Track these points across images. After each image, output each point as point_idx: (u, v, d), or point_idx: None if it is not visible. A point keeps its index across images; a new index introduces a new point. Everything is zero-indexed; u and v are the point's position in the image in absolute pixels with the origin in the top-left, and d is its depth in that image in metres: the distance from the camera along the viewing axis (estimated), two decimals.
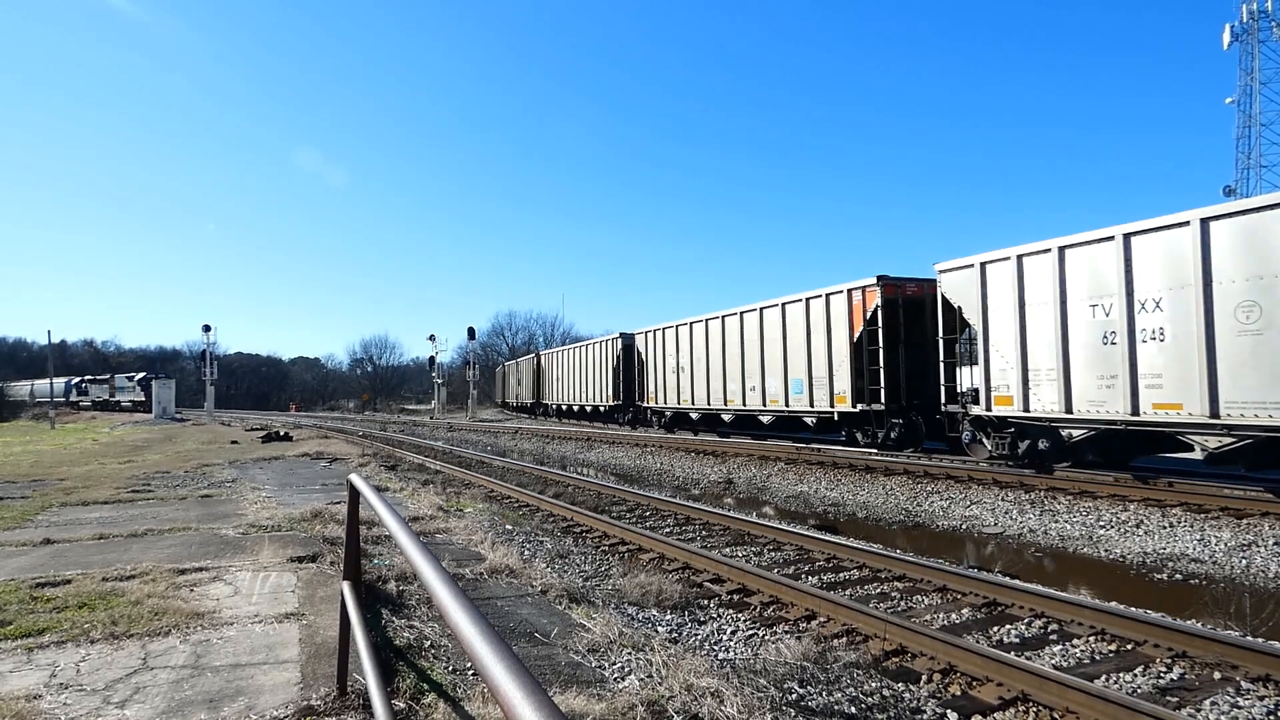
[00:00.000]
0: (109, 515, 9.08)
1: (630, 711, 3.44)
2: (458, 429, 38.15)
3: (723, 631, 5.90)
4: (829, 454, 16.74)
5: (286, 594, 5.42)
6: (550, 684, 3.80)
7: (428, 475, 16.28)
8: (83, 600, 5.13)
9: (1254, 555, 8.26)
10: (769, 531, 9.45)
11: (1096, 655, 5.23)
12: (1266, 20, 44.68)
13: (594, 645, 4.46)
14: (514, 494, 13.24)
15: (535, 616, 5.10)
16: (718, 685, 3.76)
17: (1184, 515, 9.81)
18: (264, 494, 11.11)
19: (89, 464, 17.09)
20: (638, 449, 22.21)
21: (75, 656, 4.11)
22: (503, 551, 6.94)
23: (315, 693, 3.60)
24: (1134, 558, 8.68)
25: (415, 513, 9.49)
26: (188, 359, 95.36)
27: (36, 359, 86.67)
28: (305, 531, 7.85)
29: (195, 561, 6.40)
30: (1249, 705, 4.34)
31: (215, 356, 51.45)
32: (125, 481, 12.83)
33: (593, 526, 10.15)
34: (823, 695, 4.49)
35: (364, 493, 3.03)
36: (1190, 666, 4.89)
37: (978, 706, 4.40)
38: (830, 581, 7.33)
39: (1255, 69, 45.14)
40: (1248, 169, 45.15)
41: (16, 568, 6.19)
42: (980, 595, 6.50)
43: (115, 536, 7.58)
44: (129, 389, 68.04)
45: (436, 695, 3.61)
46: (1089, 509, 10.55)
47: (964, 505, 11.66)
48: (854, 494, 13.41)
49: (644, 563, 8.13)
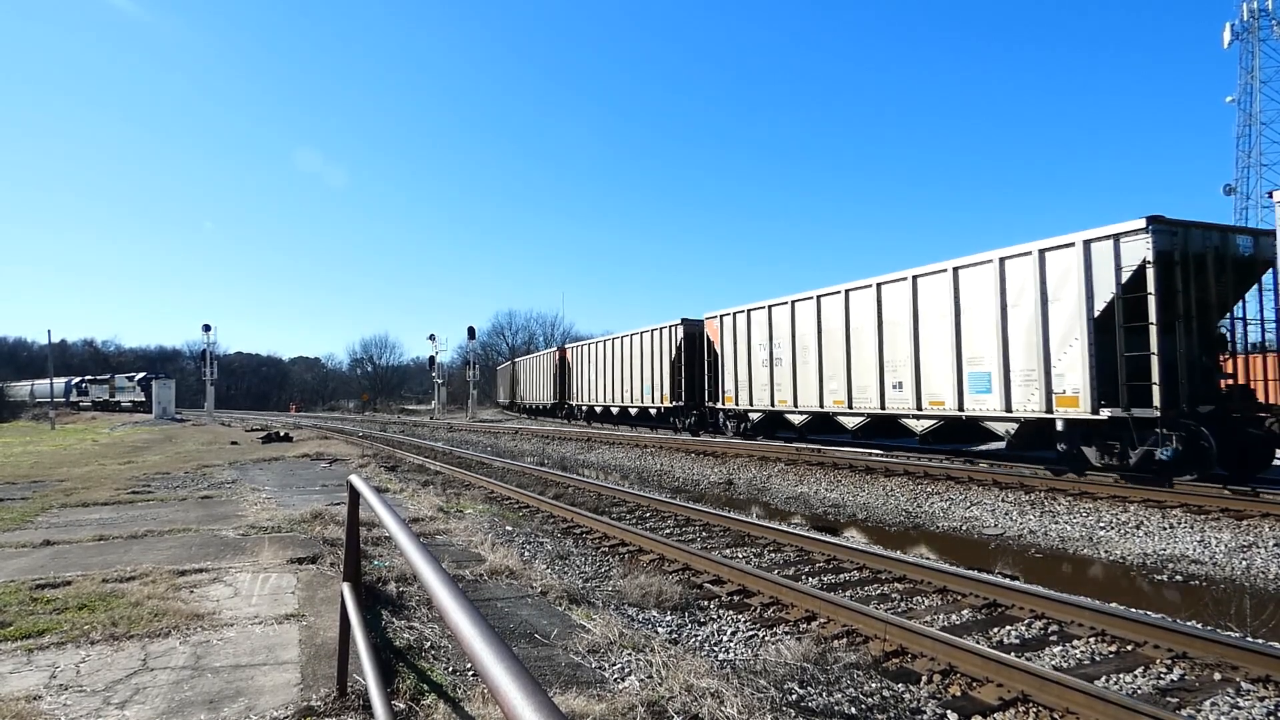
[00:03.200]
0: (109, 516, 9.08)
1: (630, 712, 3.44)
2: (458, 429, 38.15)
3: (723, 632, 5.90)
4: (829, 454, 16.73)
5: (286, 595, 5.42)
6: (550, 685, 3.80)
7: (428, 476, 16.28)
8: (83, 601, 5.13)
9: (1254, 556, 8.26)
10: (769, 533, 9.44)
11: (1097, 656, 5.23)
12: (1267, 19, 44.68)
13: (594, 646, 4.46)
14: (514, 495, 13.23)
15: (535, 617, 5.10)
16: (718, 686, 3.76)
17: (1184, 516, 9.81)
18: (264, 495, 11.10)
19: (89, 465, 17.09)
20: (638, 450, 22.20)
21: (75, 657, 4.11)
22: (503, 553, 6.94)
23: (315, 693, 3.60)
24: (1134, 559, 8.67)
25: (415, 514, 9.49)
26: (188, 359, 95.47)
27: (36, 359, 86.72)
28: (305, 533, 7.85)
29: (195, 563, 6.40)
30: (1249, 706, 4.34)
31: (215, 356, 51.46)
32: (125, 483, 12.82)
33: (593, 528, 10.15)
34: (823, 696, 4.49)
35: (364, 494, 3.03)
36: (1190, 667, 4.89)
37: (978, 707, 4.40)
38: (830, 583, 7.33)
39: (1256, 67, 45.14)
40: (1248, 168, 45.15)
41: (17, 569, 6.19)
42: (980, 596, 6.50)
43: (115, 538, 7.57)
44: (129, 389, 68.05)
45: (436, 696, 3.61)
46: (1089, 510, 10.55)
47: (964, 506, 11.66)
48: (854, 495, 13.41)
49: (644, 564, 8.12)
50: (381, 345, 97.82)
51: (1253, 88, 45.26)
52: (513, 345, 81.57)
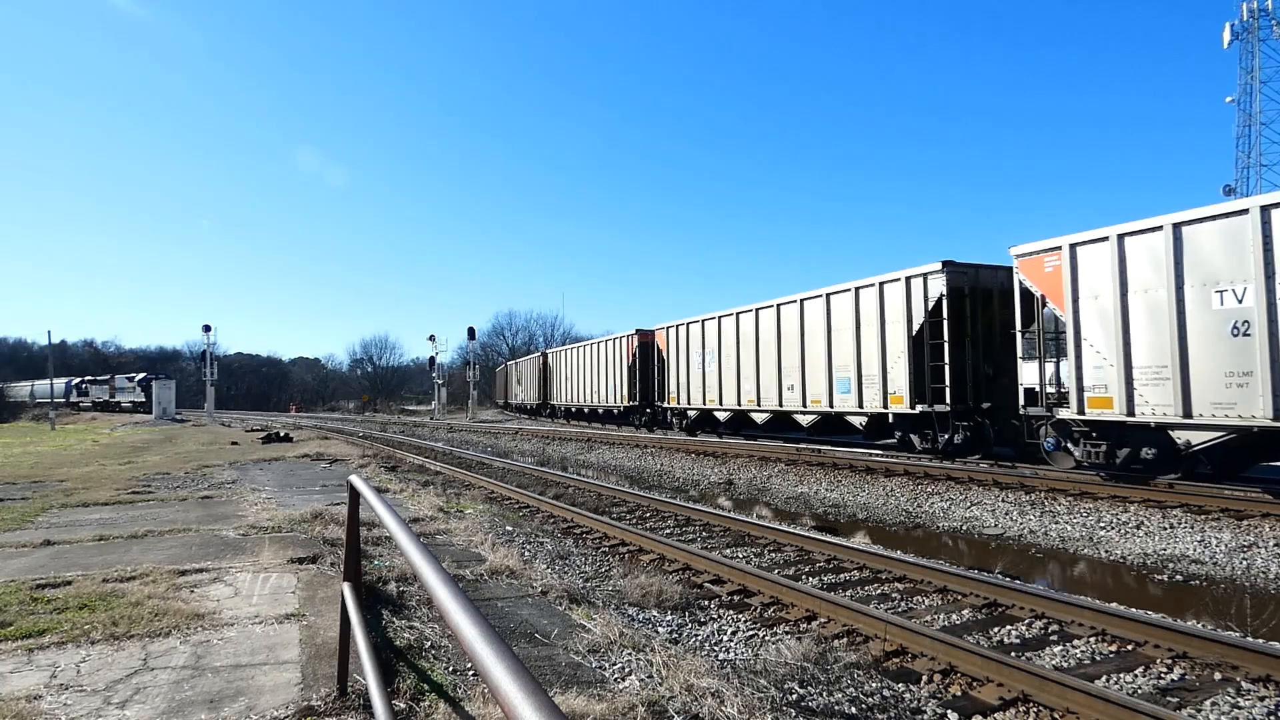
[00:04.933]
0: (109, 516, 9.08)
1: (631, 712, 3.44)
2: (458, 430, 38.16)
3: (723, 632, 5.89)
4: (829, 455, 16.74)
5: (287, 595, 5.42)
6: (551, 684, 3.80)
7: (428, 476, 16.28)
8: (83, 601, 5.13)
9: (1254, 556, 8.26)
10: (769, 532, 9.44)
11: (1097, 656, 5.23)
12: (1267, 19, 44.73)
13: (594, 646, 4.46)
14: (514, 495, 13.23)
15: (535, 617, 5.10)
16: (718, 686, 3.76)
17: (1184, 516, 9.81)
18: (264, 495, 11.11)
19: (89, 465, 17.09)
20: (638, 450, 22.20)
21: (76, 657, 4.11)
22: (503, 553, 6.94)
23: (315, 693, 3.60)
24: (1134, 559, 8.67)
25: (415, 514, 9.50)
26: (188, 359, 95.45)
27: (36, 359, 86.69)
28: (305, 533, 7.85)
29: (195, 563, 6.40)
30: (1249, 706, 4.33)
31: (215, 357, 51.49)
32: (125, 483, 12.83)
33: (593, 528, 10.14)
34: (823, 696, 4.49)
35: (364, 494, 3.03)
36: (1191, 667, 4.89)
37: (978, 707, 4.40)
38: (831, 582, 7.33)
39: (1255, 67, 45.18)
40: (1248, 168, 45.21)
41: (17, 569, 6.20)
42: (981, 596, 6.50)
43: (115, 538, 7.58)
44: (129, 389, 68.07)
45: (437, 696, 3.61)
46: (1089, 510, 10.55)
47: (964, 506, 11.66)
48: (854, 495, 13.41)
49: (644, 564, 8.12)
50: (381, 346, 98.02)
51: (1253, 88, 45.31)
52: (513, 346, 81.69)
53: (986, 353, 14.80)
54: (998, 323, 14.55)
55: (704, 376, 23.29)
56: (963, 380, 14.43)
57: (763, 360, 20.09)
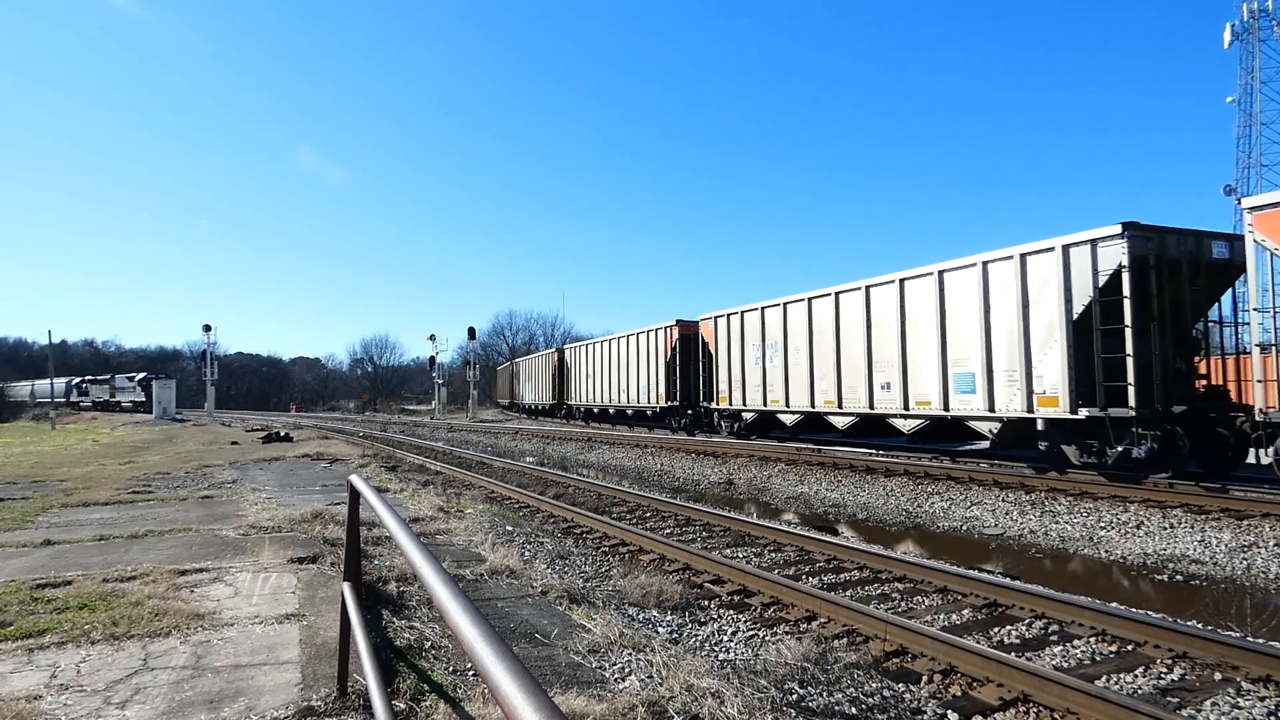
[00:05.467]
0: (109, 516, 9.08)
1: (631, 712, 3.44)
2: (458, 430, 38.16)
3: (723, 632, 5.89)
4: (829, 455, 16.73)
5: (287, 595, 5.42)
6: (551, 685, 3.80)
7: (428, 476, 16.28)
8: (83, 601, 5.13)
9: (1255, 556, 8.26)
10: (769, 532, 9.45)
11: (1097, 656, 5.23)
12: (1267, 19, 44.68)
13: (594, 646, 4.46)
14: (514, 495, 13.24)
15: (536, 617, 5.10)
16: (718, 686, 3.76)
17: (1184, 516, 9.81)
18: (264, 495, 11.11)
19: (89, 465, 17.09)
20: (638, 450, 22.21)
21: (76, 657, 4.11)
22: (503, 553, 6.94)
23: (316, 693, 3.60)
24: (1135, 559, 8.68)
25: (415, 514, 9.50)
26: (188, 359, 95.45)
27: (37, 359, 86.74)
28: (306, 532, 7.85)
29: (196, 562, 6.40)
30: (1249, 706, 4.33)
31: (215, 357, 51.48)
32: (126, 483, 12.83)
33: (593, 527, 10.15)
34: (823, 696, 4.49)
35: (364, 494, 3.03)
36: (1191, 667, 4.89)
37: (978, 707, 4.40)
38: (831, 583, 7.33)
39: (1256, 68, 45.15)
40: (1248, 168, 45.16)
41: (17, 569, 6.20)
42: (981, 596, 6.50)
43: (116, 538, 7.58)
44: (129, 389, 68.09)
45: (437, 696, 3.61)
46: (1089, 510, 10.56)
47: (964, 506, 11.66)
48: (854, 495, 13.41)
49: (644, 564, 8.12)
50: (382, 345, 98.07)
51: (1253, 88, 45.28)
52: (513, 345, 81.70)
53: (1178, 342, 11.82)
54: (1188, 304, 11.87)
55: (764, 373, 20.18)
56: (1148, 377, 11.25)
57: (845, 353, 16.99)
